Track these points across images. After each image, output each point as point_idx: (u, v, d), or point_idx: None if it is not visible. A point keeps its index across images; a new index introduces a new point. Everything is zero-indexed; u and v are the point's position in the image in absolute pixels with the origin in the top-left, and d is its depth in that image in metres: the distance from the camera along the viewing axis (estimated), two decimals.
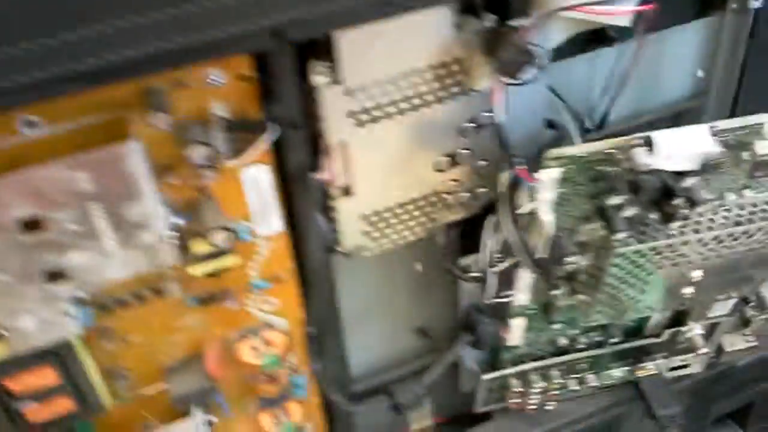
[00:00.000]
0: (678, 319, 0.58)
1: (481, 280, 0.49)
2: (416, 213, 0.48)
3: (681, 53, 0.55)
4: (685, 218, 0.44)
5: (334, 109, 0.41)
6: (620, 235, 0.44)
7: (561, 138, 0.47)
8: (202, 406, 0.50)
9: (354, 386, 0.63)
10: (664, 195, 0.44)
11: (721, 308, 0.57)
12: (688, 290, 0.50)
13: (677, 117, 0.56)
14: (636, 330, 0.59)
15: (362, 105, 0.41)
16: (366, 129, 0.42)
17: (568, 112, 0.49)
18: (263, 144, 0.40)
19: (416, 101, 0.42)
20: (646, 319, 0.58)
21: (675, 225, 0.45)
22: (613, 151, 0.42)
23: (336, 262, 0.55)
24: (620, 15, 0.41)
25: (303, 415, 0.55)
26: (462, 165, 0.47)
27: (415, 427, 0.69)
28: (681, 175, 0.41)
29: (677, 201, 0.43)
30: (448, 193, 0.48)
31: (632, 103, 0.56)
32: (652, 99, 0.57)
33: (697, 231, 0.46)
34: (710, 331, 0.60)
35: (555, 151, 0.42)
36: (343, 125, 0.41)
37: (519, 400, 0.59)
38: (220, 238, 0.40)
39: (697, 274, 0.49)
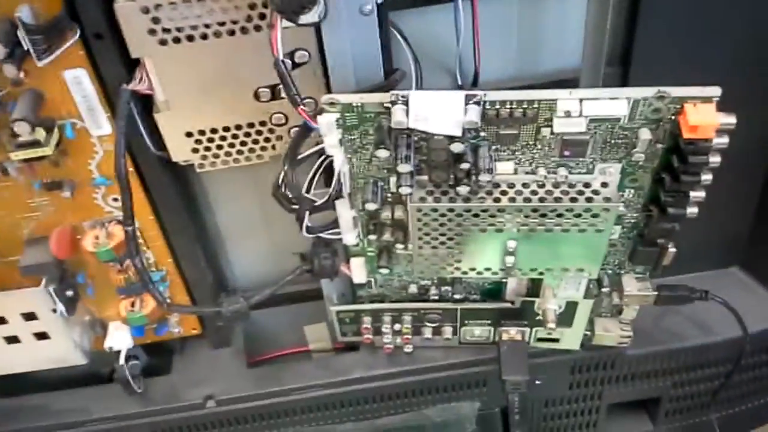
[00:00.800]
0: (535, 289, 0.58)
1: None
2: (246, 139, 0.50)
3: (569, 22, 0.53)
4: (479, 184, 0.44)
5: (133, 25, 0.43)
6: (404, 190, 0.44)
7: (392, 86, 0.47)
8: (55, 281, 0.56)
9: None
10: (456, 159, 0.44)
11: (572, 287, 0.56)
12: (509, 259, 0.50)
13: (560, 85, 0.53)
14: (495, 292, 0.59)
15: (161, 25, 0.43)
16: (169, 48, 0.44)
17: (413, 62, 0.49)
18: (66, 49, 0.43)
19: (219, 29, 0.44)
20: (504, 283, 0.58)
21: (465, 190, 0.44)
22: (388, 105, 0.42)
23: (202, 176, 0.59)
24: None
25: (157, 309, 0.60)
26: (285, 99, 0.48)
27: (313, 347, 0.74)
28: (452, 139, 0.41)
29: (463, 166, 0.43)
30: (278, 124, 0.50)
31: (519, 66, 0.55)
32: (539, 65, 0.55)
33: (497, 200, 0.46)
34: (571, 309, 0.58)
35: (328, 97, 0.42)
36: (144, 41, 0.44)
37: (370, 336, 0.61)
38: (21, 129, 0.45)
39: (511, 245, 0.48)
